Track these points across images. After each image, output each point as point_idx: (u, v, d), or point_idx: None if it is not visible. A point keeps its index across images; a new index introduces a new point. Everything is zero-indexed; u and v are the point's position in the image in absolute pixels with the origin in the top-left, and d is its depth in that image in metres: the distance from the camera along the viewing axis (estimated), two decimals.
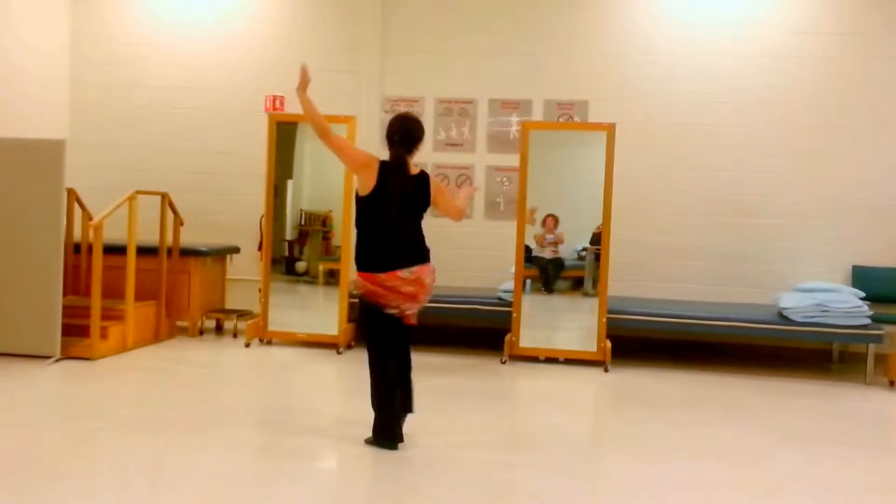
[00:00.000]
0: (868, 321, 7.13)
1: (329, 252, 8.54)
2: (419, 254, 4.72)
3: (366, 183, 4.65)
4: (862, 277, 7.89)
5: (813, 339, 7.66)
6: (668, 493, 4.25)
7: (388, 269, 4.59)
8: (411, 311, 4.71)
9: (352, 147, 4.92)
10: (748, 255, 8.18)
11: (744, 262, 8.18)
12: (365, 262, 4.67)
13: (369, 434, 4.75)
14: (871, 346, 7.16)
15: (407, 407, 4.82)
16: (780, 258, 8.13)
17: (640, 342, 7.95)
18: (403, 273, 4.60)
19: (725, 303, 7.96)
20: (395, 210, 4.62)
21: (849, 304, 7.15)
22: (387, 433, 4.69)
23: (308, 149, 8.42)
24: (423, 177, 4.82)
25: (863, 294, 7.33)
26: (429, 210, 4.86)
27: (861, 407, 6.43)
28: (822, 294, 7.26)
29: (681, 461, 4.79)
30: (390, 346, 4.73)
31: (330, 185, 7.88)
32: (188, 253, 8.08)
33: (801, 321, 7.18)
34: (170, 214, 7.96)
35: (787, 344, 7.95)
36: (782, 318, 7.29)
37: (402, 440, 4.72)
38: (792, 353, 8.05)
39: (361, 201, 4.70)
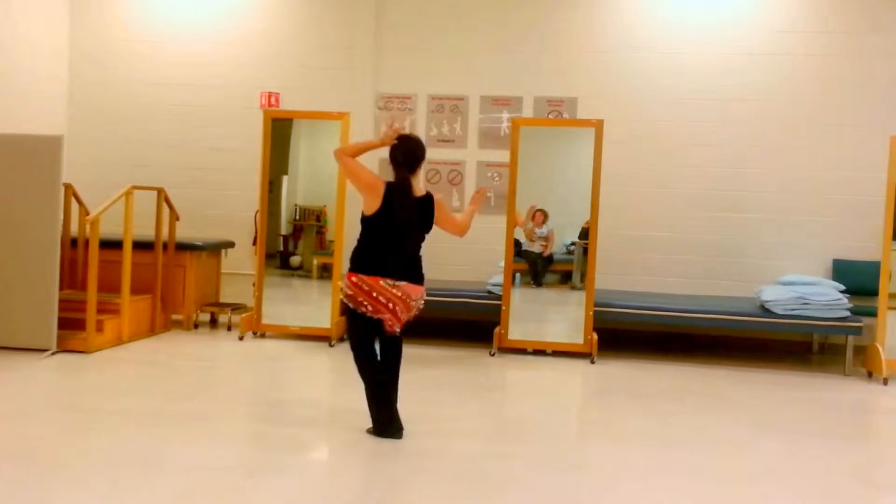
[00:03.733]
0: (847, 313, 7.23)
1: (323, 247, 8.64)
2: (413, 273, 4.78)
3: (372, 203, 4.74)
4: (841, 271, 8.02)
5: (794, 332, 7.76)
6: (652, 481, 4.34)
7: (373, 274, 4.66)
8: (389, 322, 4.71)
9: (362, 169, 4.87)
10: (731, 250, 8.32)
11: (727, 256, 8.32)
12: (357, 263, 4.75)
13: (362, 424, 4.83)
14: (850, 338, 7.30)
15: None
16: (762, 252, 8.26)
17: (626, 335, 8.07)
18: (386, 282, 4.66)
19: (709, 296, 8.09)
20: (398, 227, 4.70)
21: (829, 297, 7.26)
22: (387, 423, 4.75)
23: (303, 145, 8.52)
24: (428, 198, 4.87)
25: (842, 287, 7.44)
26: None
27: (840, 397, 6.55)
28: (802, 287, 7.38)
29: (664, 450, 4.88)
30: (372, 350, 4.80)
31: (324, 181, 7.96)
32: (184, 247, 8.14)
33: (783, 314, 7.29)
34: (166, 209, 8.03)
35: (768, 336, 8.07)
36: (764, 310, 7.40)
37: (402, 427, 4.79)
38: (773, 345, 8.19)
39: (367, 220, 4.78)
